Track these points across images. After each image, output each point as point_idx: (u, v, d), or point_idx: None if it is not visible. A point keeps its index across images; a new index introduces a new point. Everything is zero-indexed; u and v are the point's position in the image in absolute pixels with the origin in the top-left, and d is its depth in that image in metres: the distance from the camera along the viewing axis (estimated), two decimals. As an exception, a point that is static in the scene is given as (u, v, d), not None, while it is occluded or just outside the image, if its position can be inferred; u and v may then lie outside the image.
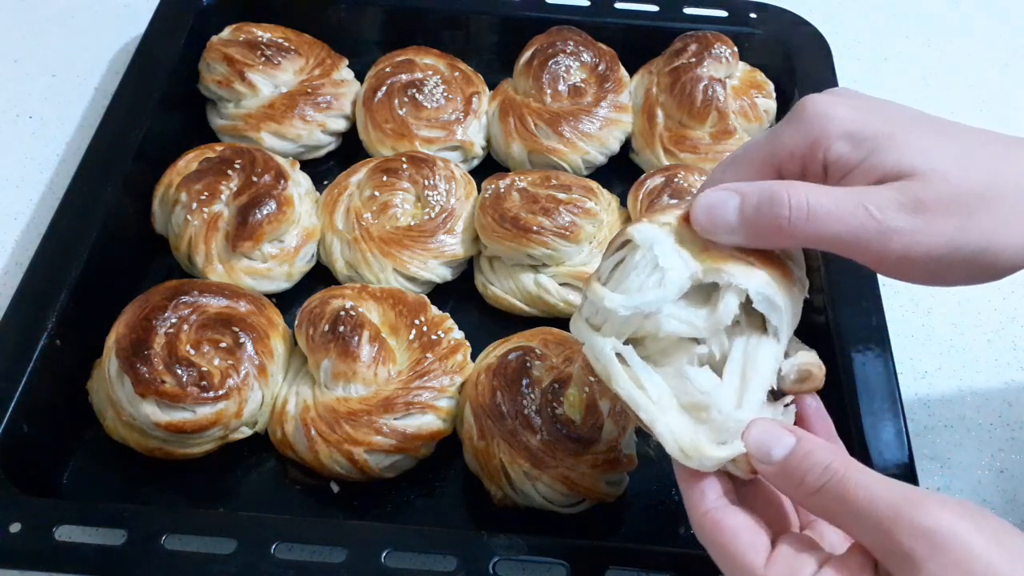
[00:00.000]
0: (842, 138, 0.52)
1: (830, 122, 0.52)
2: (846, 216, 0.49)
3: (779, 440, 0.49)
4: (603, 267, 0.55)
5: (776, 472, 0.49)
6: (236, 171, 0.87)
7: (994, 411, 0.86)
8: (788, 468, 0.48)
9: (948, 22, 1.25)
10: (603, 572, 0.65)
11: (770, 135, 0.55)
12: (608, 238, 0.88)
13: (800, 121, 0.53)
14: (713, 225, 0.51)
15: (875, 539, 0.46)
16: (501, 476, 0.73)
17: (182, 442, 0.74)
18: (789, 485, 0.49)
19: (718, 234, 0.51)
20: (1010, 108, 1.13)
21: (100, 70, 1.11)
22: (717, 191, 0.52)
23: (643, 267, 0.52)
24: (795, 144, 0.53)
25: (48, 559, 0.65)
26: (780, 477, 0.49)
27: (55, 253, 0.81)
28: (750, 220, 0.51)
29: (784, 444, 0.49)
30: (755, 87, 1.00)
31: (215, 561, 0.64)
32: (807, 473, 0.48)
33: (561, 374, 0.75)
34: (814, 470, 0.48)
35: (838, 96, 0.54)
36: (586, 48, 1.01)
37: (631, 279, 0.52)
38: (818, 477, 0.47)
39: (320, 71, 1.01)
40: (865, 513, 0.45)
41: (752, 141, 0.56)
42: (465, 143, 0.98)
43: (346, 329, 0.76)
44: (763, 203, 0.50)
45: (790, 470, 0.48)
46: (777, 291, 0.52)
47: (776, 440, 0.49)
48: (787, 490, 0.49)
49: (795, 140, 0.53)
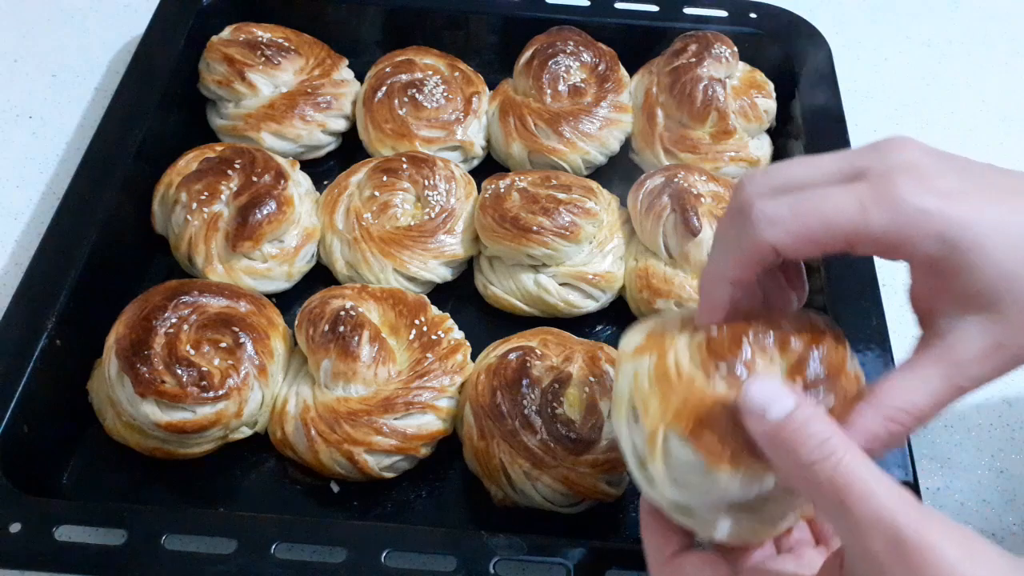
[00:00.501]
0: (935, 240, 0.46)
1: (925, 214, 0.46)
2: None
3: (778, 399, 0.45)
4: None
5: (769, 434, 0.45)
6: (236, 171, 0.87)
7: (994, 411, 0.86)
8: (783, 432, 0.45)
9: (948, 22, 1.25)
10: (603, 572, 0.65)
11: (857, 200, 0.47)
12: (608, 238, 0.88)
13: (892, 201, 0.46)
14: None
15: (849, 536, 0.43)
16: (501, 476, 0.73)
17: (182, 442, 0.74)
18: (780, 452, 0.45)
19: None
20: (1010, 108, 1.13)
21: (100, 70, 1.11)
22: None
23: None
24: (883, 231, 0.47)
25: (48, 559, 0.65)
26: (772, 441, 0.45)
27: (55, 253, 0.81)
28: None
29: (783, 405, 0.45)
30: (755, 87, 1.00)
31: (215, 561, 0.64)
32: (802, 444, 0.44)
33: (561, 374, 0.75)
34: (810, 441, 0.44)
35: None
36: (586, 48, 1.01)
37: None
38: (812, 451, 0.44)
39: (320, 71, 1.01)
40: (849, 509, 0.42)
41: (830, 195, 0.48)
42: (465, 143, 0.98)
43: (346, 329, 0.76)
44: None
45: (784, 435, 0.45)
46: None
47: (775, 399, 0.45)
48: (777, 457, 0.46)
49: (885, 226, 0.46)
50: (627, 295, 0.89)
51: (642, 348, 0.54)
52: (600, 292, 0.87)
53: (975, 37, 1.23)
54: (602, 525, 0.76)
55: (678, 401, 0.50)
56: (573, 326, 0.86)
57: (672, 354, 0.51)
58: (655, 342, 0.53)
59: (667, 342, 0.52)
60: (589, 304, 0.88)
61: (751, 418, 0.46)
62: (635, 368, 0.53)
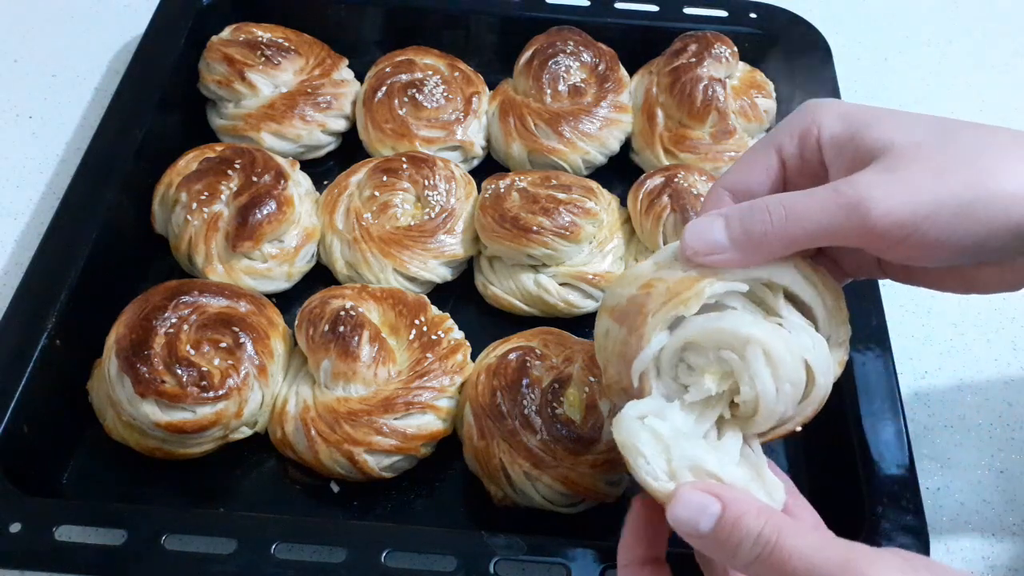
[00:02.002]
0: (834, 118, 0.55)
1: (824, 107, 0.56)
2: (823, 203, 0.50)
3: (704, 510, 0.48)
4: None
5: (707, 544, 0.48)
6: (236, 171, 0.87)
7: (994, 411, 0.86)
8: (719, 540, 0.47)
9: (948, 22, 1.25)
10: (603, 572, 0.65)
11: (775, 128, 0.59)
12: (608, 238, 0.88)
13: (797, 111, 0.57)
14: (706, 246, 0.53)
15: None
16: (501, 476, 0.73)
17: (182, 442, 0.74)
18: (724, 556, 0.48)
19: (712, 255, 0.53)
20: (1010, 108, 1.13)
21: (100, 70, 1.11)
22: (700, 219, 0.54)
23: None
24: (795, 125, 0.56)
25: (48, 559, 0.65)
26: (713, 549, 0.48)
27: (55, 253, 0.81)
28: (737, 236, 0.52)
29: (710, 514, 0.48)
30: (755, 87, 1.00)
31: (215, 561, 0.65)
32: (739, 544, 0.47)
33: (561, 374, 0.75)
34: (746, 540, 0.47)
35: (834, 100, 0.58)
36: (586, 48, 1.01)
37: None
38: (750, 548, 0.46)
39: (320, 71, 1.01)
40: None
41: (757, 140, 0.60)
42: (465, 143, 0.98)
43: (346, 329, 0.76)
44: (744, 217, 0.52)
45: (720, 541, 0.47)
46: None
47: (701, 511, 0.48)
48: (724, 560, 0.49)
49: (795, 122, 0.57)
50: (627, 295, 0.89)
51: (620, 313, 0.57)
52: (600, 292, 0.87)
53: (975, 37, 1.23)
54: (602, 525, 0.75)
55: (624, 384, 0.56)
56: (573, 326, 0.86)
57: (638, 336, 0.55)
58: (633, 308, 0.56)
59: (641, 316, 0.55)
60: (589, 304, 0.87)
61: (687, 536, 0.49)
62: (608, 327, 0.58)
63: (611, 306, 0.58)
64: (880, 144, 0.52)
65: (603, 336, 0.58)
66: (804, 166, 0.57)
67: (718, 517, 0.47)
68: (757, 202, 0.53)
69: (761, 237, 0.51)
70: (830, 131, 0.55)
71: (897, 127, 0.52)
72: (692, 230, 0.53)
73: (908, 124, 0.53)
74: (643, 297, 0.55)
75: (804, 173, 0.57)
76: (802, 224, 0.51)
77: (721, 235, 0.52)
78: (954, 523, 0.79)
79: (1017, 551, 0.77)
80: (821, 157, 0.56)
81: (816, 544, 0.46)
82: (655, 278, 0.55)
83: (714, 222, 0.53)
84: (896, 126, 0.52)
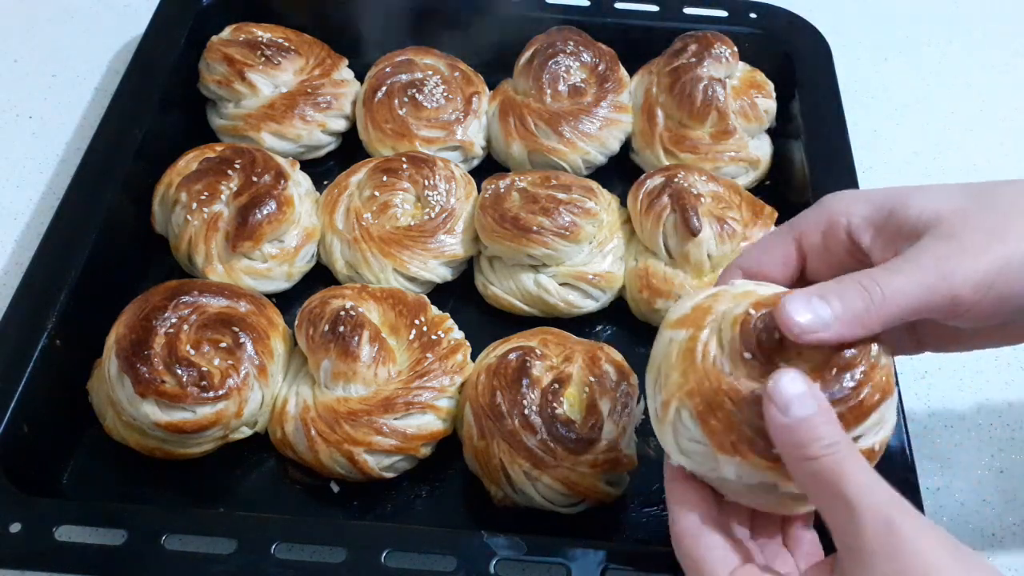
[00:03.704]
0: (861, 204, 0.57)
1: (846, 198, 0.58)
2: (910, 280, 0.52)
3: (802, 400, 0.49)
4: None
5: (787, 427, 0.49)
6: (236, 171, 0.87)
7: (994, 411, 0.86)
8: (799, 428, 0.49)
9: (948, 22, 1.25)
10: (603, 572, 0.65)
11: (795, 218, 0.61)
12: (608, 238, 0.88)
13: (822, 201, 0.60)
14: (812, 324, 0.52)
15: (844, 524, 0.47)
16: (501, 476, 0.73)
17: (182, 442, 0.74)
18: (789, 444, 0.49)
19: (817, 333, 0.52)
20: (1010, 108, 1.13)
21: (100, 70, 1.11)
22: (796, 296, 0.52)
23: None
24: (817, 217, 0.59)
25: (48, 559, 0.65)
26: (786, 433, 0.49)
27: (55, 253, 0.81)
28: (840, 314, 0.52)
29: (806, 406, 0.49)
30: (755, 87, 1.00)
31: (215, 561, 0.65)
32: (814, 441, 0.48)
33: (561, 374, 0.75)
34: (820, 441, 0.48)
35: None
36: (586, 48, 1.01)
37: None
38: (819, 448, 0.48)
39: (320, 71, 1.01)
40: (847, 496, 0.47)
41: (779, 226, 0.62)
42: (465, 143, 0.98)
43: (346, 329, 0.76)
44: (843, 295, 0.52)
45: (800, 431, 0.49)
46: None
47: (799, 399, 0.49)
48: (787, 448, 0.50)
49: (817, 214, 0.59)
50: (627, 295, 0.89)
51: (683, 320, 0.57)
52: (600, 292, 0.87)
53: (975, 37, 1.23)
54: (602, 525, 0.76)
55: (696, 380, 0.54)
56: (573, 326, 0.86)
57: (706, 333, 0.55)
58: (697, 317, 0.56)
59: (706, 320, 0.55)
60: (589, 304, 0.88)
61: (772, 409, 0.50)
62: (671, 336, 0.57)
63: (674, 319, 0.58)
64: (926, 217, 0.54)
65: (666, 346, 0.57)
66: (829, 257, 0.59)
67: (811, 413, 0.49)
68: (846, 281, 0.53)
69: (864, 314, 0.52)
70: (861, 216, 0.57)
71: (936, 198, 0.55)
72: (794, 307, 0.52)
73: (945, 193, 0.55)
74: (711, 300, 0.57)
75: (828, 263, 0.59)
76: (897, 302, 0.52)
77: (827, 313, 0.51)
78: (954, 523, 0.79)
79: (1017, 551, 0.77)
80: (849, 246, 0.58)
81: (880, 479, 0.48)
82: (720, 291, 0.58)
83: (815, 300, 0.52)
84: (935, 197, 0.55)
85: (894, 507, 0.46)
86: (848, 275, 0.53)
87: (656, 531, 0.76)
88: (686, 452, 0.55)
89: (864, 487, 0.47)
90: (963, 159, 1.08)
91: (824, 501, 0.49)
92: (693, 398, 0.54)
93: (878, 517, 0.46)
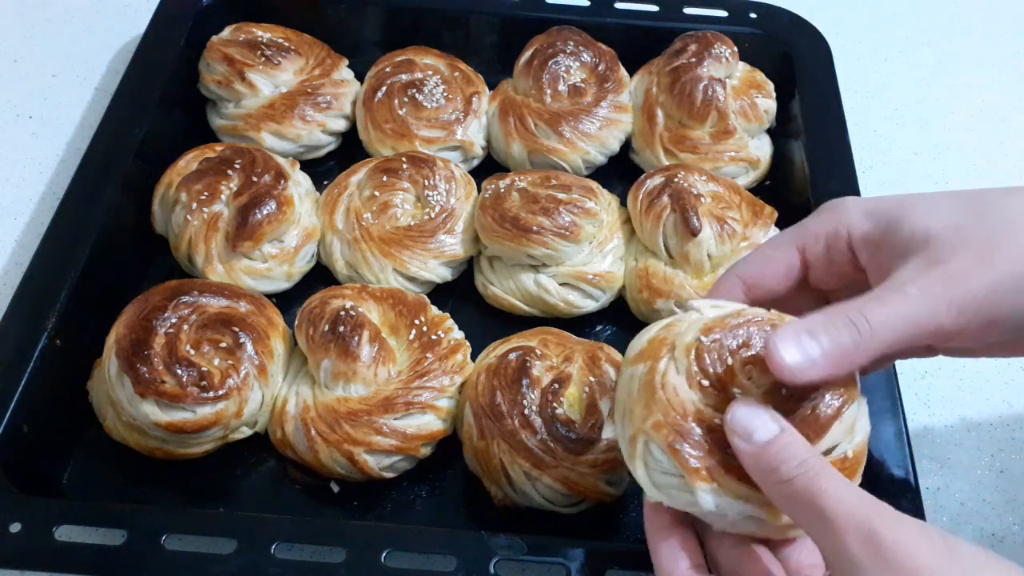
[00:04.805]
0: (861, 218, 0.57)
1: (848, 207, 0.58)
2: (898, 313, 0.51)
3: (764, 425, 0.49)
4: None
5: (753, 454, 0.49)
6: (236, 171, 0.87)
7: (994, 411, 0.86)
8: (766, 453, 0.49)
9: (948, 22, 1.25)
10: (603, 572, 0.65)
11: (796, 226, 0.60)
12: (608, 238, 0.88)
13: (824, 210, 0.59)
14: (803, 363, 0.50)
15: (827, 541, 0.47)
16: (501, 476, 0.73)
17: (182, 442, 0.74)
18: (762, 470, 0.49)
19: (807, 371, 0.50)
20: (1010, 108, 1.13)
21: (100, 70, 1.11)
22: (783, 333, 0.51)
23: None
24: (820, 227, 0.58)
25: (48, 559, 0.65)
26: (756, 460, 0.49)
27: (55, 253, 0.81)
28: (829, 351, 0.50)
29: (768, 430, 0.49)
30: (755, 87, 1.00)
31: (215, 561, 0.65)
32: (783, 463, 0.48)
33: (561, 374, 0.75)
34: (790, 461, 0.48)
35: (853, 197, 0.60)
36: (586, 48, 1.01)
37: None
38: (792, 468, 0.48)
39: (320, 71, 1.01)
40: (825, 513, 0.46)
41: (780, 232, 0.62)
42: (465, 143, 0.98)
43: (346, 329, 0.76)
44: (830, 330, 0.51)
45: (768, 456, 0.49)
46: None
47: (761, 424, 0.49)
48: (759, 475, 0.49)
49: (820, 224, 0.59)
50: (627, 295, 0.89)
51: (640, 355, 0.56)
52: (600, 292, 0.87)
53: (975, 37, 1.23)
54: (602, 525, 0.76)
55: (661, 410, 0.52)
56: (573, 326, 0.86)
57: (663, 363, 0.54)
58: (653, 349, 0.55)
59: (663, 351, 0.54)
60: (589, 304, 0.88)
61: (736, 438, 0.50)
62: (631, 373, 0.56)
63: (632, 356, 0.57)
64: (918, 236, 0.53)
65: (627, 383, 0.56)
66: (832, 267, 0.58)
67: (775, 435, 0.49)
68: (833, 315, 0.51)
69: (853, 350, 0.50)
70: (861, 232, 0.56)
71: (929, 213, 0.54)
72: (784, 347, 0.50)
73: (939, 207, 0.54)
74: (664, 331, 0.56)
75: (832, 273, 0.59)
76: (883, 337, 0.50)
77: (816, 351, 0.50)
78: (954, 523, 0.79)
79: (1017, 551, 0.77)
80: (852, 258, 0.57)
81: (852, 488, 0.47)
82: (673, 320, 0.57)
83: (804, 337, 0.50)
84: (927, 212, 0.54)
85: (875, 516, 0.45)
86: (836, 307, 0.52)
87: (656, 531, 0.76)
88: (660, 487, 0.53)
89: (841, 501, 0.46)
90: (963, 159, 1.08)
91: (805, 521, 0.48)
92: (660, 430, 0.52)
93: (860, 529, 0.45)
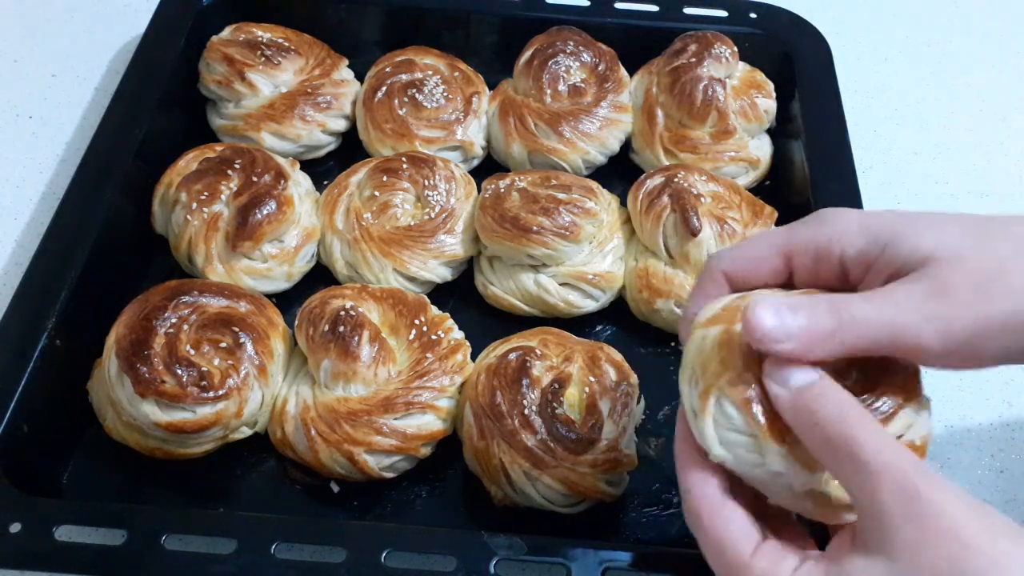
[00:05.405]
0: (857, 233, 0.54)
1: (843, 220, 0.55)
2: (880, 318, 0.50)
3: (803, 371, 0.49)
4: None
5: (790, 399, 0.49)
6: (236, 171, 0.87)
7: (994, 411, 0.86)
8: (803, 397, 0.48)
9: (948, 22, 1.25)
10: (603, 572, 0.65)
11: (788, 228, 0.58)
12: (608, 238, 0.88)
13: (818, 220, 0.56)
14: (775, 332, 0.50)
15: (861, 490, 0.46)
16: (501, 476, 0.73)
17: (182, 442, 0.74)
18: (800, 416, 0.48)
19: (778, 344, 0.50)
20: (1010, 108, 1.13)
21: (100, 70, 1.11)
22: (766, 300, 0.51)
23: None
24: (811, 238, 0.56)
25: (48, 559, 0.65)
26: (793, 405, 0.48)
27: (55, 253, 0.81)
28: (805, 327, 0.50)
29: (807, 376, 0.49)
30: (755, 87, 1.00)
31: (215, 561, 0.65)
32: (821, 407, 0.47)
33: (561, 374, 0.75)
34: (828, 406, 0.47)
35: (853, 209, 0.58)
36: (586, 48, 1.01)
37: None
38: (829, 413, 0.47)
39: (320, 71, 1.01)
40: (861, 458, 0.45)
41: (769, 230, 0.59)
42: (465, 143, 0.98)
43: (346, 329, 0.76)
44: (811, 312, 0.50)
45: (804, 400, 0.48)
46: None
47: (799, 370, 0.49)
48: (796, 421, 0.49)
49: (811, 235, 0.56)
50: (627, 295, 0.89)
51: (714, 318, 0.55)
52: (600, 292, 0.87)
53: (975, 37, 1.23)
54: (602, 525, 0.76)
55: (737, 368, 0.52)
56: (573, 326, 0.86)
57: (740, 326, 0.52)
58: (729, 315, 0.55)
59: (738, 316, 0.53)
60: (589, 304, 0.88)
61: (773, 385, 0.49)
62: (703, 334, 0.55)
63: (704, 319, 0.56)
64: (918, 255, 0.51)
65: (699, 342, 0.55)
66: (817, 279, 0.56)
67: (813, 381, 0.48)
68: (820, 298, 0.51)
69: (829, 336, 0.50)
70: (856, 248, 0.54)
71: (932, 235, 0.52)
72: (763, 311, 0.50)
73: (943, 230, 0.52)
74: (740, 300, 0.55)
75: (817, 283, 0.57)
76: (862, 331, 0.50)
77: (793, 325, 0.50)
78: (954, 523, 0.79)
79: (1017, 551, 0.77)
80: (840, 273, 0.55)
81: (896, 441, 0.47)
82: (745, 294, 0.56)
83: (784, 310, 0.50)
84: (931, 234, 0.52)
85: (912, 470, 0.45)
86: (824, 295, 0.52)
87: (656, 531, 0.76)
88: (727, 444, 0.52)
89: (880, 452, 0.45)
90: (963, 159, 1.08)
91: (840, 468, 0.47)
92: (736, 385, 0.51)
93: (895, 480, 0.44)
